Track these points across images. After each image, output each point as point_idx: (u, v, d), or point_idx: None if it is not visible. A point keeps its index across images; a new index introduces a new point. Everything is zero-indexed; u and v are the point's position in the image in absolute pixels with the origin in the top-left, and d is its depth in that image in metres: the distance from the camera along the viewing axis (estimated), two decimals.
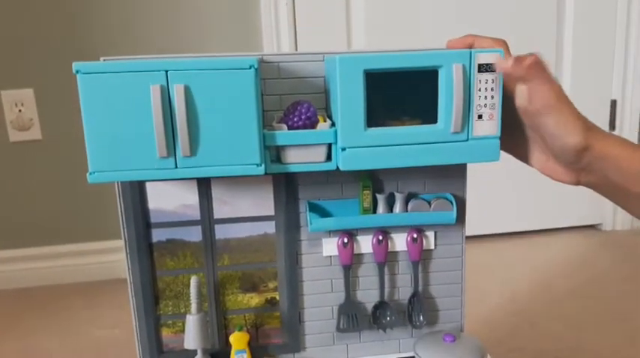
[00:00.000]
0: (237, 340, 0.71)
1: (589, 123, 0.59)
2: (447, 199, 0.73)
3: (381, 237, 0.73)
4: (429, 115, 0.61)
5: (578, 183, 0.62)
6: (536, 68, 0.56)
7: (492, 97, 0.60)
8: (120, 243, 0.71)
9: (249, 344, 0.72)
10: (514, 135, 0.64)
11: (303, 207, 0.72)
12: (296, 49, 1.52)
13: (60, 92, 1.44)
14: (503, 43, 0.61)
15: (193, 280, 0.68)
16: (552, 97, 0.57)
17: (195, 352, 0.70)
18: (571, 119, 0.57)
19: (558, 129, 0.57)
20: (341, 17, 1.54)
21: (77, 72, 0.54)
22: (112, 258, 1.51)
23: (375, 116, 0.61)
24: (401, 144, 0.60)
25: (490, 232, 1.76)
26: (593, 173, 0.60)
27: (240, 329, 0.72)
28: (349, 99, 0.58)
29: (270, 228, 0.72)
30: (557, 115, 0.57)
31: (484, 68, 0.59)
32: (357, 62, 0.58)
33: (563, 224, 1.81)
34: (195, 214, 0.70)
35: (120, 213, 0.69)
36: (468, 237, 0.77)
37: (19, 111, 1.45)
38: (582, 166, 0.59)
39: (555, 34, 1.65)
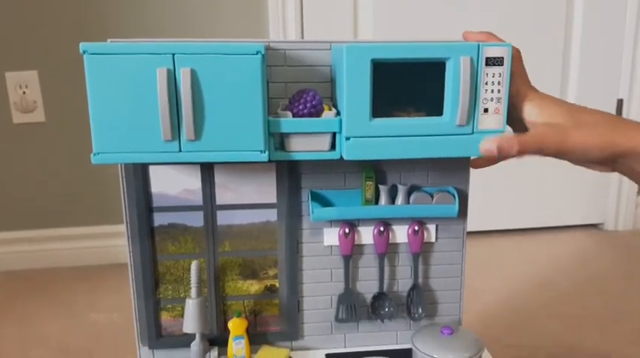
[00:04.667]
0: (236, 326, 0.71)
1: (610, 122, 0.58)
2: (449, 192, 0.73)
3: (382, 229, 0.73)
4: (434, 107, 0.61)
5: (613, 171, 0.61)
6: (525, 145, 0.57)
7: (499, 91, 0.60)
8: (120, 227, 0.71)
9: (248, 330, 0.72)
10: None
11: (305, 195, 0.72)
12: (302, 37, 1.51)
13: (64, 75, 1.44)
14: (516, 52, 0.60)
15: (194, 265, 0.69)
16: (559, 144, 0.57)
17: (193, 336, 0.70)
18: (590, 142, 0.56)
19: (581, 156, 0.57)
20: (348, 6, 1.53)
21: (84, 52, 0.54)
22: (112, 242, 1.52)
23: (381, 106, 0.61)
24: (406, 136, 0.60)
25: (491, 228, 1.76)
26: (624, 165, 0.59)
27: (239, 316, 0.72)
28: (355, 89, 0.58)
29: (272, 215, 0.73)
30: (574, 151, 0.57)
31: (492, 62, 0.59)
32: (364, 52, 0.57)
33: (565, 222, 1.81)
34: (198, 199, 0.71)
35: (122, 196, 0.69)
36: (468, 233, 0.77)
37: (23, 93, 1.45)
38: (612, 162, 0.59)
39: (563, 33, 1.64)
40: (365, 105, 0.59)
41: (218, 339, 0.74)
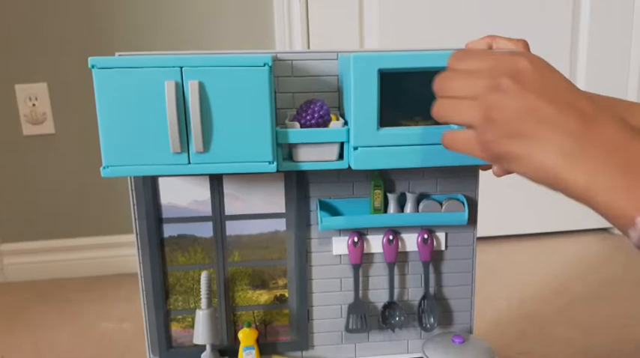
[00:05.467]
0: (246, 336, 0.71)
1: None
2: (458, 200, 0.73)
3: (391, 237, 0.73)
4: None
5: None
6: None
7: None
8: (130, 237, 0.72)
9: (258, 340, 0.72)
10: None
11: (314, 205, 0.72)
12: (308, 47, 1.51)
13: (74, 87, 1.45)
14: (524, 44, 0.60)
15: (204, 275, 0.69)
16: None
17: (203, 347, 0.70)
18: None
19: None
20: (353, 16, 1.53)
21: (93, 67, 0.54)
22: (122, 252, 1.52)
23: (388, 116, 0.61)
24: (413, 145, 0.60)
25: (502, 233, 1.75)
26: None
27: (249, 326, 0.72)
28: (363, 99, 0.58)
29: (280, 225, 0.73)
30: None
31: None
32: (371, 61, 0.57)
33: (577, 226, 1.79)
34: (207, 210, 0.71)
35: (132, 208, 0.69)
36: (478, 238, 0.76)
37: (33, 105, 1.46)
38: None
39: (570, 33, 1.63)
40: (372, 114, 0.59)
41: (228, 350, 0.74)
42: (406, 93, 0.65)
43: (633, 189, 0.37)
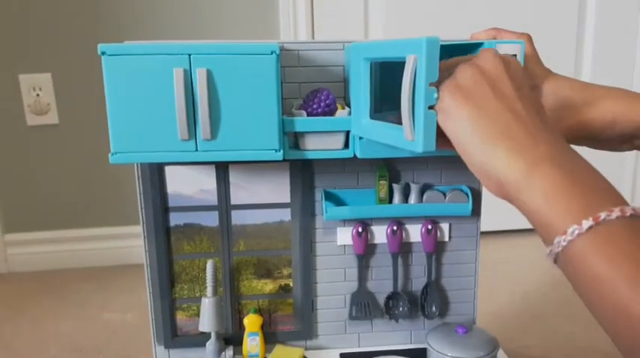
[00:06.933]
0: (251, 322, 0.71)
1: (626, 94, 0.59)
2: (462, 191, 0.73)
3: (395, 228, 0.74)
4: None
5: (633, 149, 0.61)
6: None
7: None
8: (134, 228, 0.72)
9: (263, 327, 0.72)
10: None
11: (319, 195, 0.72)
12: (313, 38, 1.51)
13: (78, 77, 1.45)
14: (527, 37, 0.60)
15: (209, 263, 0.69)
16: (572, 127, 0.59)
17: (208, 336, 0.71)
18: (603, 118, 0.58)
19: (598, 134, 0.59)
20: (359, 5, 1.53)
21: (103, 53, 0.54)
22: (126, 243, 1.53)
23: (393, 104, 0.60)
24: None
25: (504, 228, 1.75)
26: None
27: (255, 312, 0.72)
28: (356, 88, 0.58)
29: (285, 215, 0.73)
30: (589, 130, 0.59)
31: None
32: (359, 50, 0.57)
33: None
34: (213, 199, 0.71)
35: (139, 197, 0.70)
36: (482, 233, 0.77)
37: (37, 95, 1.46)
38: (631, 137, 0.58)
39: (576, 28, 1.63)
40: (365, 104, 0.58)
41: (233, 338, 0.74)
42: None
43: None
